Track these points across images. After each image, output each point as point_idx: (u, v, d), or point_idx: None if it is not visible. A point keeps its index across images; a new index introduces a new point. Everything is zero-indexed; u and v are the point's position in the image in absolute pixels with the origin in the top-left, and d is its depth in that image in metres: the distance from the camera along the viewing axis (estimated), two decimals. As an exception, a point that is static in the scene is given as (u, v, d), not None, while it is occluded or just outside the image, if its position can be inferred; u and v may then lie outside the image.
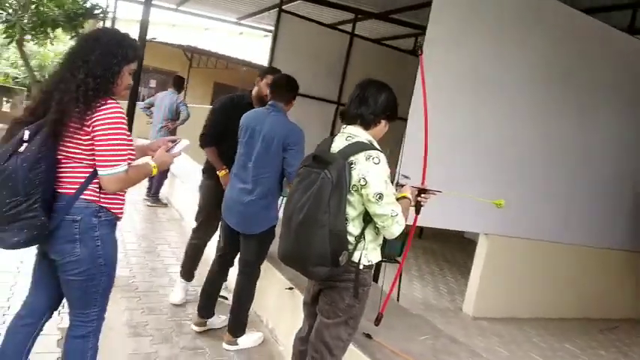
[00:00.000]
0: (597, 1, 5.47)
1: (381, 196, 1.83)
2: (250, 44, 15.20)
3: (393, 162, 3.71)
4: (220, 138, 3.21)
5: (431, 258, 6.58)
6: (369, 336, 2.47)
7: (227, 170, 3.13)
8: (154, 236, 5.03)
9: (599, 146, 4.80)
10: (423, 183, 2.33)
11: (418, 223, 4.41)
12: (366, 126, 1.98)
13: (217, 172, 3.23)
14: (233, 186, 2.88)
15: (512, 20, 4.10)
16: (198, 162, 8.69)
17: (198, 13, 10.44)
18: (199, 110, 11.07)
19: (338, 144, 1.96)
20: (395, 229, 1.89)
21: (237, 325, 2.92)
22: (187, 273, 3.47)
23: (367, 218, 1.93)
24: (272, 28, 7.21)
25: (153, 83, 16.13)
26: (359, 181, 1.85)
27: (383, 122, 2.02)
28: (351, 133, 1.97)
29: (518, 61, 4.19)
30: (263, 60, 7.51)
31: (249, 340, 2.98)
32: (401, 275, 4.48)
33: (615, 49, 4.71)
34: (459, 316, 4.44)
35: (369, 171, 1.84)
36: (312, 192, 1.82)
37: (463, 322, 4.30)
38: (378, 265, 4.32)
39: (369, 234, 1.95)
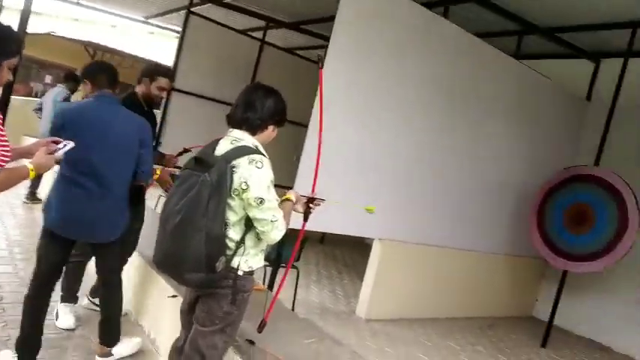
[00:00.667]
0: (489, 26, 5.99)
1: (262, 201, 1.82)
2: (161, 45, 14.64)
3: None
4: None
5: (331, 262, 6.75)
6: (251, 342, 2.48)
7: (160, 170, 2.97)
8: (30, 242, 4.63)
9: (486, 157, 5.23)
10: (312, 192, 2.35)
11: (318, 229, 4.57)
12: (253, 131, 1.96)
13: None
14: (73, 193, 2.49)
15: (410, 38, 4.35)
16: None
17: (102, 9, 9.89)
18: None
19: (222, 147, 1.92)
20: (275, 235, 1.89)
21: (111, 335, 2.78)
22: (72, 296, 3.23)
23: (249, 223, 1.91)
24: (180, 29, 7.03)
25: (48, 79, 15.00)
26: (240, 185, 1.83)
27: (270, 127, 2.01)
28: (237, 137, 1.95)
29: (413, 77, 4.45)
30: (170, 61, 7.26)
31: (126, 347, 2.85)
32: (297, 280, 4.57)
33: (502, 70, 5.18)
34: (352, 319, 4.60)
35: (251, 175, 1.83)
36: (191, 195, 1.79)
37: (356, 325, 4.46)
38: (275, 271, 4.37)
39: (249, 239, 1.94)
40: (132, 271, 3.43)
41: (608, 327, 5.55)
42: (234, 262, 1.91)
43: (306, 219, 2.30)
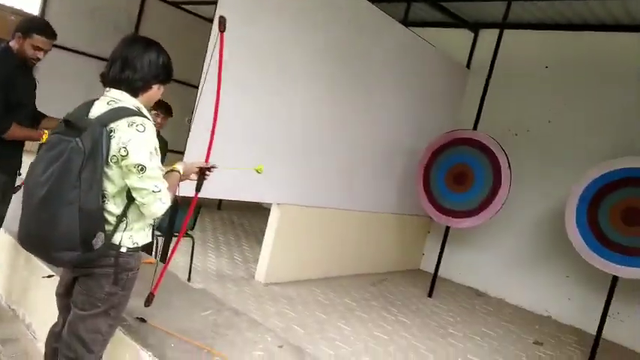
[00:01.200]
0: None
1: (142, 168, 1.63)
2: (23, -11, 12.79)
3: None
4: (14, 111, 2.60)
5: (229, 229, 6.64)
6: (143, 320, 2.33)
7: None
8: None
9: (375, 121, 5.38)
10: (207, 160, 2.18)
11: (214, 196, 4.40)
12: (134, 92, 1.74)
13: (39, 139, 2.61)
14: None
15: (300, 1, 4.23)
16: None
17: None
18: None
19: (98, 109, 1.69)
20: (156, 208, 1.70)
21: None
22: None
23: (131, 195, 1.72)
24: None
25: None
26: (119, 151, 1.62)
27: (155, 87, 1.80)
28: (115, 98, 1.72)
29: (305, 41, 4.36)
30: (36, 10, 6.37)
31: None
32: (193, 249, 4.42)
33: (392, 36, 5.29)
34: (251, 284, 4.58)
35: (131, 139, 1.62)
36: (59, 163, 1.57)
37: (255, 290, 4.45)
38: (168, 241, 4.16)
39: (133, 213, 1.75)
40: (-2, 250, 3.03)
41: (485, 275, 6.21)
42: (116, 239, 1.73)
43: (198, 189, 2.16)
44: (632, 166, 4.40)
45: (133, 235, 1.78)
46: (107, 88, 1.76)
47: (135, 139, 1.63)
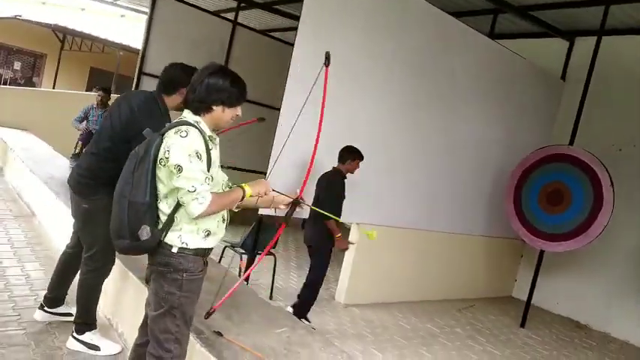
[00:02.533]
0: (463, 5, 5.89)
1: (180, 169, 1.75)
2: (133, 28, 14.23)
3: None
4: None
5: (311, 249, 6.68)
6: (219, 333, 2.39)
7: None
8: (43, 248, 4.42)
9: (461, 138, 5.17)
10: (300, 195, 2.15)
11: (299, 216, 4.46)
12: (195, 111, 1.90)
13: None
14: None
15: (383, 16, 4.22)
16: (54, 147, 7.78)
17: (68, -11, 9.52)
18: (72, 97, 10.14)
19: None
20: (194, 208, 1.76)
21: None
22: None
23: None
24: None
25: (17, 65, 14.45)
26: (164, 154, 1.79)
27: (217, 108, 1.89)
28: (183, 116, 1.92)
29: (387, 56, 4.35)
30: (140, 45, 7.01)
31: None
32: (275, 267, 4.50)
33: (477, 50, 5.10)
34: (331, 304, 4.55)
35: (174, 143, 1.78)
36: (124, 167, 1.88)
37: (335, 310, 4.41)
38: (251, 258, 4.28)
39: (182, 213, 1.84)
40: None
41: (586, 305, 5.62)
42: (168, 238, 1.85)
43: (287, 220, 2.15)
44: None
45: (182, 236, 1.86)
46: None
47: (177, 143, 1.78)
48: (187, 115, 1.91)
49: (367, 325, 4.20)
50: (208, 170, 1.83)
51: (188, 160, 1.76)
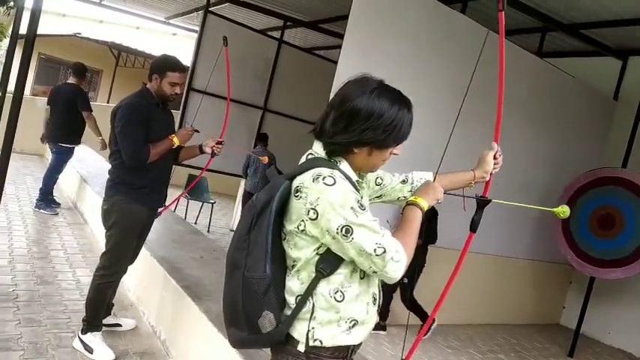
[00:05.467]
0: (510, 23, 5.80)
1: (348, 230, 1.21)
2: (183, 46, 14.81)
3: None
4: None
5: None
6: None
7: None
8: (48, 241, 4.68)
9: (509, 158, 5.02)
10: (486, 192, 1.77)
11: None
12: (329, 153, 1.37)
13: (172, 145, 2.83)
14: None
15: (426, 35, 4.21)
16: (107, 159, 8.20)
17: (124, 9, 10.02)
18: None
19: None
20: (392, 272, 1.22)
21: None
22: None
23: (321, 270, 1.29)
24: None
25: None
26: (308, 214, 1.25)
27: (361, 151, 1.35)
28: (315, 151, 1.40)
29: (431, 76, 4.32)
30: (189, 62, 7.28)
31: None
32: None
33: (525, 69, 4.99)
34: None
35: (320, 197, 1.24)
36: (239, 223, 1.38)
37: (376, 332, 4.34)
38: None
39: (320, 296, 1.30)
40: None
41: (639, 336, 5.30)
42: (297, 330, 1.31)
43: (474, 228, 1.75)
44: None
45: (316, 329, 1.30)
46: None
47: (325, 197, 1.24)
48: (319, 150, 1.38)
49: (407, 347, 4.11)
50: None
51: (352, 213, 1.22)
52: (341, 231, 1.21)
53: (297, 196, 1.28)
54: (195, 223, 7.02)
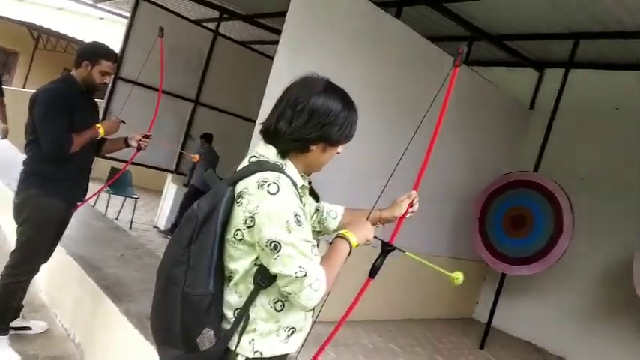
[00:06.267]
0: (441, 30, 6.05)
1: (276, 246, 1.19)
2: (111, 31, 14.09)
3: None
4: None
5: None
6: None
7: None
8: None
9: (432, 163, 5.23)
10: (393, 238, 1.73)
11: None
12: (283, 153, 1.33)
13: (97, 135, 2.71)
14: None
15: (361, 37, 4.29)
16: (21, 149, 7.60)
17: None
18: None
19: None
20: (305, 298, 1.21)
21: None
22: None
23: (259, 282, 1.26)
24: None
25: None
26: (245, 222, 1.22)
27: (317, 147, 1.34)
28: (259, 153, 1.34)
29: (365, 78, 4.40)
30: (117, 49, 6.95)
31: None
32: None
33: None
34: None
35: (259, 205, 1.20)
36: (175, 234, 1.30)
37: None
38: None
39: (260, 307, 1.28)
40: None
41: (544, 329, 5.75)
42: (235, 344, 1.27)
43: (373, 274, 1.69)
44: None
45: (256, 341, 1.29)
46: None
47: (264, 206, 1.21)
48: (269, 152, 1.33)
49: (331, 343, 4.18)
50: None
51: (286, 231, 1.19)
52: (269, 245, 1.20)
53: (238, 202, 1.24)
54: (117, 219, 6.74)
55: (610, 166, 5.55)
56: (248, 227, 1.21)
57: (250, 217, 1.21)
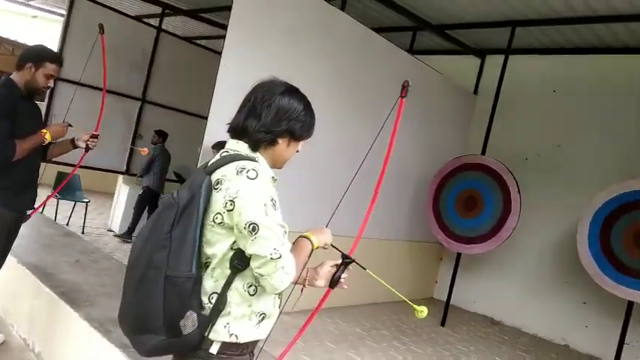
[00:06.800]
0: (385, 21, 6.18)
1: (255, 228, 1.24)
2: (45, 30, 13.37)
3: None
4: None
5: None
6: None
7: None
8: None
9: (386, 151, 5.39)
10: (352, 251, 1.82)
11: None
12: (254, 146, 1.42)
13: (43, 141, 2.58)
14: None
15: (306, 30, 4.34)
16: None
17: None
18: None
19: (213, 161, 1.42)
20: (278, 280, 1.27)
21: None
22: None
23: (236, 266, 1.31)
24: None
25: None
26: (225, 206, 1.28)
27: (283, 141, 1.45)
28: (231, 148, 1.43)
29: (310, 69, 4.45)
30: (55, 48, 6.63)
31: None
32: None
33: (398, 65, 5.36)
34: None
35: (240, 190, 1.27)
36: (152, 221, 1.32)
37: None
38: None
39: (235, 291, 1.33)
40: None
41: (500, 304, 6.06)
42: (212, 329, 1.32)
43: (332, 285, 1.75)
44: (645, 189, 4.34)
45: (231, 324, 1.33)
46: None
47: (244, 190, 1.28)
48: (240, 147, 1.42)
49: (297, 332, 4.24)
50: None
51: (263, 214, 1.26)
52: (248, 227, 1.25)
53: (216, 188, 1.31)
54: (68, 224, 6.48)
55: (551, 145, 5.90)
56: (228, 211, 1.28)
57: (230, 200, 1.27)
